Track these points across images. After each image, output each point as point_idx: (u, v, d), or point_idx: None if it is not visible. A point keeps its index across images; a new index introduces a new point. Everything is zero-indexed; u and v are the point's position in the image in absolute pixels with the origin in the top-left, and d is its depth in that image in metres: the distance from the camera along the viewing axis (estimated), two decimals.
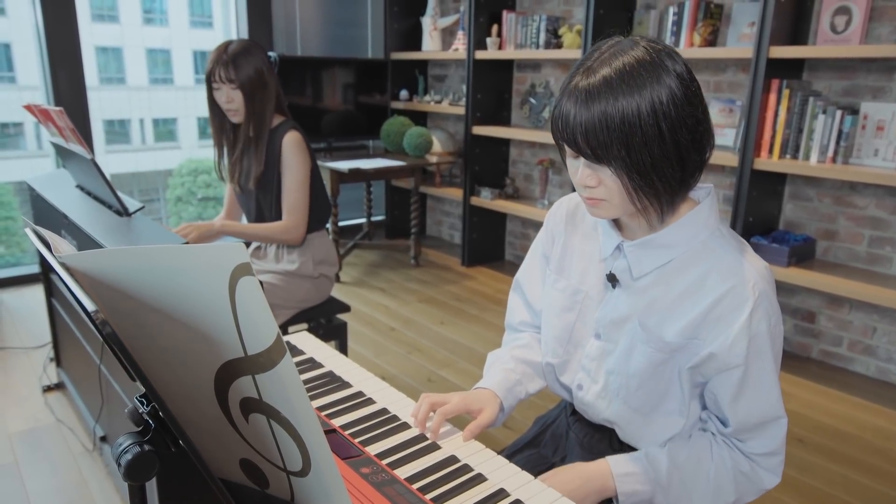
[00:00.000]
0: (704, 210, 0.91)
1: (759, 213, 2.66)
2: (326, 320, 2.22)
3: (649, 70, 0.81)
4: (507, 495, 0.84)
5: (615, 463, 0.95)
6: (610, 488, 0.94)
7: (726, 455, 0.94)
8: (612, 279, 0.96)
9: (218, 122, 2.00)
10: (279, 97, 2.01)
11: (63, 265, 0.52)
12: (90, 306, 0.50)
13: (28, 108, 1.81)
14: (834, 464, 2.02)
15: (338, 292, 3.32)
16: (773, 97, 2.49)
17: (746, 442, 0.94)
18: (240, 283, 0.46)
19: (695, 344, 0.90)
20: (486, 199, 3.73)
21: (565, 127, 0.84)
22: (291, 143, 1.97)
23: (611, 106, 0.80)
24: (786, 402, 0.99)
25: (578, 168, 0.87)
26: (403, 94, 4.26)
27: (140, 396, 0.63)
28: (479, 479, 0.87)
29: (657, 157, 0.82)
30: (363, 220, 4.54)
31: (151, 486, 0.64)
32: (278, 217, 2.03)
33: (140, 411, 0.62)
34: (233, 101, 1.91)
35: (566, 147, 0.87)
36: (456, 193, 3.92)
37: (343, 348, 2.24)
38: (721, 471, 0.93)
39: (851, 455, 2.07)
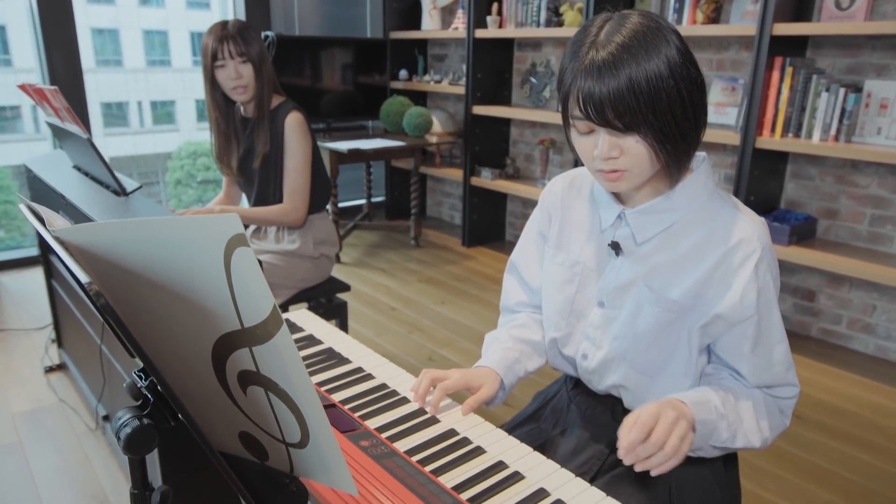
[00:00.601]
0: (702, 175, 0.94)
1: (760, 191, 2.65)
2: (327, 300, 2.22)
3: (655, 33, 0.82)
4: (507, 467, 0.84)
5: (679, 395, 0.91)
6: (688, 415, 0.87)
7: (755, 390, 0.95)
8: (616, 247, 0.97)
9: (223, 107, 1.97)
10: (275, 77, 1.99)
11: (57, 239, 0.52)
12: (83, 278, 0.50)
13: (23, 87, 1.79)
14: (833, 440, 2.03)
15: (338, 273, 3.32)
16: (776, 75, 2.47)
17: (770, 389, 0.96)
18: (235, 253, 0.46)
19: (703, 302, 0.91)
20: (486, 179, 3.71)
21: (588, 102, 0.83)
22: (294, 124, 1.95)
23: (635, 71, 0.80)
24: None
25: (598, 142, 0.86)
26: (403, 73, 4.22)
27: (138, 371, 0.63)
28: (479, 451, 0.87)
29: (679, 117, 0.84)
30: (363, 201, 4.53)
31: (153, 460, 0.65)
32: (281, 199, 2.02)
33: (138, 385, 0.62)
34: (241, 76, 1.88)
35: (586, 123, 0.85)
36: (456, 174, 3.91)
37: (344, 327, 2.25)
38: (758, 403, 0.94)
39: (850, 432, 2.08)
